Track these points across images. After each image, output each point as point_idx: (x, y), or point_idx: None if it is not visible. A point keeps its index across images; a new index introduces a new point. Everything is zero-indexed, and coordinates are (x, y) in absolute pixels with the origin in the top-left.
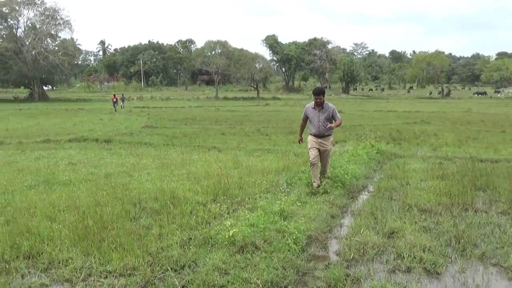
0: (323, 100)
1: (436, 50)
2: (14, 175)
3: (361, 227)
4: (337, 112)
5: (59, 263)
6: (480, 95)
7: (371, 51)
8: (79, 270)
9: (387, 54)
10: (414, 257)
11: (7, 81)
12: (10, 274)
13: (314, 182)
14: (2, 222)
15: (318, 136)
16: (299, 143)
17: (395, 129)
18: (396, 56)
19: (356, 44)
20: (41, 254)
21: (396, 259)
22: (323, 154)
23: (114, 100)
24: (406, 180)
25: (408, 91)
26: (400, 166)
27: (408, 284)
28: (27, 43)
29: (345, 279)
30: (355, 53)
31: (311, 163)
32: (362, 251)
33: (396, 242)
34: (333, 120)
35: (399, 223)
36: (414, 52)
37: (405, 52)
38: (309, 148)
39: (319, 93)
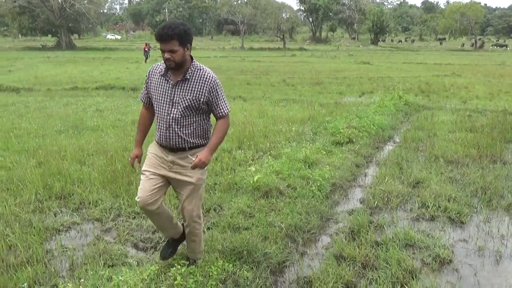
0: (185, 56)
1: (471, 0)
2: (44, 120)
3: (386, 176)
4: (223, 96)
5: (89, 203)
6: (499, 47)
7: (402, 1)
8: (109, 210)
9: (418, 4)
10: (439, 207)
11: (35, 29)
12: (44, 212)
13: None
14: (34, 164)
15: (167, 147)
16: (132, 164)
17: (424, 82)
18: (429, 7)
19: None
20: (72, 195)
21: (420, 208)
22: (180, 193)
23: (146, 49)
24: (433, 131)
25: (440, 43)
26: (428, 118)
27: (432, 232)
28: None
29: (368, 226)
30: (385, 3)
31: (141, 207)
32: (386, 199)
33: (421, 192)
34: (206, 121)
35: (424, 174)
36: (447, 2)
37: (438, 2)
38: (142, 172)
39: (167, 36)
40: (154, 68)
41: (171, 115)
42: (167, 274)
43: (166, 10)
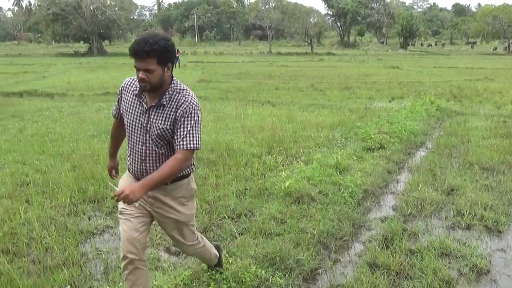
0: (163, 77)
1: (504, 3)
2: (78, 125)
3: (419, 183)
4: (196, 126)
5: None
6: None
7: (432, 4)
8: None
9: (449, 8)
10: (475, 215)
11: (67, 35)
12: (78, 215)
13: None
14: (69, 168)
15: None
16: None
17: (456, 86)
18: (459, 10)
19: None
20: (105, 198)
21: (455, 216)
22: (167, 230)
23: (177, 55)
24: (467, 137)
25: (471, 47)
26: (461, 123)
27: (468, 240)
28: None
29: (402, 233)
30: (415, 7)
31: (124, 260)
32: (419, 207)
33: (456, 199)
34: (163, 151)
35: (459, 181)
36: (479, 5)
37: (469, 5)
38: (119, 214)
39: (143, 53)
40: (128, 83)
41: (146, 145)
42: (201, 279)
43: (195, 16)
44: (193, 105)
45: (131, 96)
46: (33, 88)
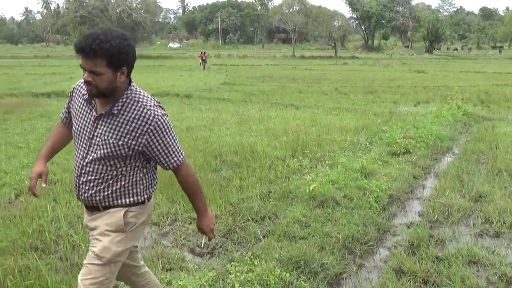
0: (115, 83)
1: None
2: None
3: (446, 189)
4: (172, 139)
5: None
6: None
7: (458, 7)
8: (165, 215)
9: (476, 11)
10: (504, 223)
11: None
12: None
13: None
14: None
15: (84, 203)
16: (30, 189)
17: (483, 91)
18: (487, 13)
19: (442, 0)
20: None
21: (483, 223)
22: None
23: (204, 58)
24: (495, 143)
25: (499, 51)
26: (488, 129)
27: (497, 249)
28: (112, 1)
29: (429, 240)
30: (441, 10)
31: None
32: (446, 213)
33: (484, 206)
34: (145, 174)
35: (487, 187)
36: (507, 9)
37: (497, 9)
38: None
39: (90, 51)
40: (81, 85)
41: (86, 160)
42: (225, 280)
43: (219, 19)
44: (162, 119)
45: (81, 101)
46: (60, 89)
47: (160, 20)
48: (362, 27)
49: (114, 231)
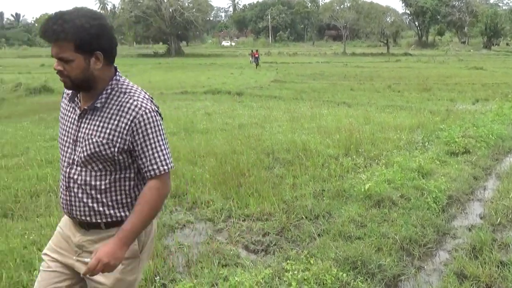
0: (90, 71)
1: None
2: None
3: (509, 191)
4: (160, 140)
5: (202, 203)
6: None
7: None
8: (220, 211)
9: None
10: None
11: (148, 37)
12: (161, 210)
13: None
14: None
15: (72, 219)
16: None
17: None
18: None
19: None
20: (185, 194)
21: None
22: None
23: (257, 56)
24: None
25: None
26: None
27: None
28: (165, 0)
29: (492, 244)
30: (500, 4)
31: None
32: (510, 216)
33: None
34: (138, 181)
35: None
36: None
37: None
38: (42, 257)
39: (52, 34)
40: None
41: (73, 167)
42: (282, 278)
43: (269, 17)
44: (148, 113)
45: (65, 101)
46: None
47: (211, 18)
48: (416, 23)
49: (126, 257)
